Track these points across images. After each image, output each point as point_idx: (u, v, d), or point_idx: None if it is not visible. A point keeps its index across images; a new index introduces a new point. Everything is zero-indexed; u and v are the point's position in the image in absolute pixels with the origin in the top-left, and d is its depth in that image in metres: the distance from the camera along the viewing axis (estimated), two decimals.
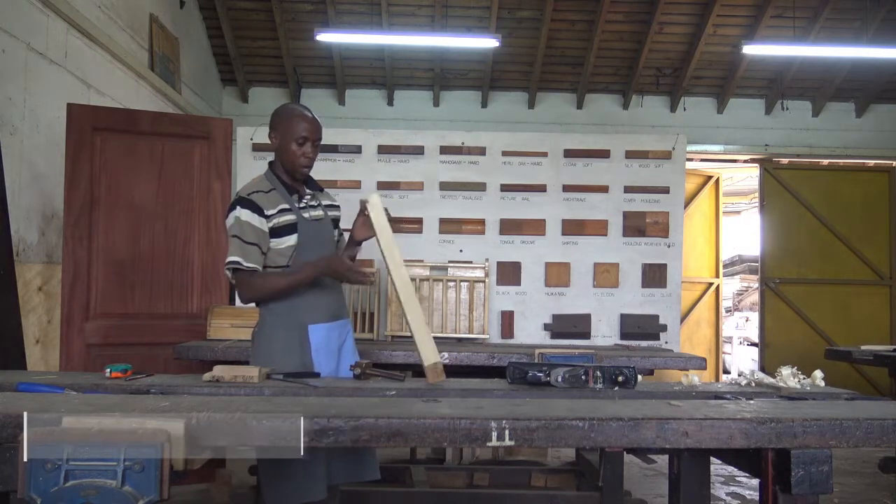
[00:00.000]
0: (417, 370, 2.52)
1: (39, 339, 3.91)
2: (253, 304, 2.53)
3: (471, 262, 4.42)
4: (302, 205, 2.44)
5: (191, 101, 6.56)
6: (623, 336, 4.53)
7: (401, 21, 6.96)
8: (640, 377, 2.16)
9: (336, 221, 2.60)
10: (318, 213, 2.49)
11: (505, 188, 4.61)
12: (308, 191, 2.52)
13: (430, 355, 2.15)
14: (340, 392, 1.98)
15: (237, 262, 2.34)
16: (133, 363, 2.27)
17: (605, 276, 4.59)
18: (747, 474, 1.84)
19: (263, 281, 2.39)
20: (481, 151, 4.64)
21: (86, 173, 3.81)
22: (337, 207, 2.63)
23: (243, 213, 2.34)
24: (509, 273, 4.57)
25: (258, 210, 2.34)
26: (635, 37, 7.12)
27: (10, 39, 3.73)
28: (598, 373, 2.09)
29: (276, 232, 2.36)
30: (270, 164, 2.50)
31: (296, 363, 2.34)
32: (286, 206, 2.39)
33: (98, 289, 3.84)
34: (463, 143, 4.64)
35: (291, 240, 2.37)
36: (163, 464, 1.27)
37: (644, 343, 4.42)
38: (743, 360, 10.10)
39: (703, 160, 7.89)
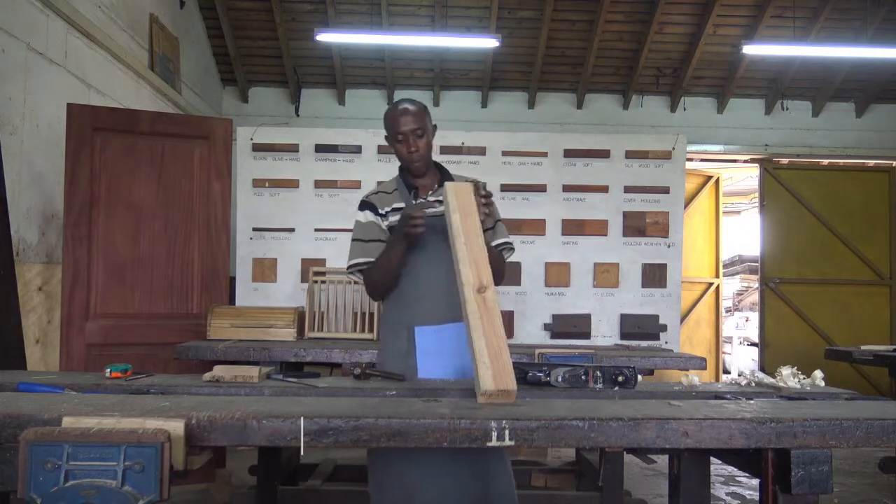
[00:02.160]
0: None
1: (39, 339, 3.91)
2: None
3: None
4: (419, 202, 2.39)
5: (191, 101, 6.56)
6: (623, 336, 4.54)
7: (401, 21, 6.96)
8: (640, 377, 2.16)
9: None
10: (443, 208, 2.33)
11: (505, 188, 4.61)
12: (437, 186, 2.43)
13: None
14: (340, 392, 1.98)
15: (357, 263, 2.39)
16: (133, 363, 2.27)
17: (605, 276, 4.59)
18: (747, 474, 1.84)
19: (372, 270, 2.38)
20: (481, 151, 4.64)
21: (86, 173, 3.81)
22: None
23: (360, 215, 2.43)
24: (509, 273, 4.55)
25: (374, 209, 2.41)
26: (635, 37, 7.11)
27: (10, 39, 3.73)
28: (598, 373, 2.08)
29: (390, 231, 2.38)
30: (400, 165, 2.50)
31: (401, 365, 2.30)
32: (401, 203, 2.40)
33: (98, 289, 3.84)
34: (463, 143, 4.65)
35: None
36: (163, 464, 1.27)
37: (644, 343, 4.42)
38: (743, 360, 10.10)
39: (703, 160, 7.89)
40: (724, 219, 8.21)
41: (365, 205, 2.44)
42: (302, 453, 1.48)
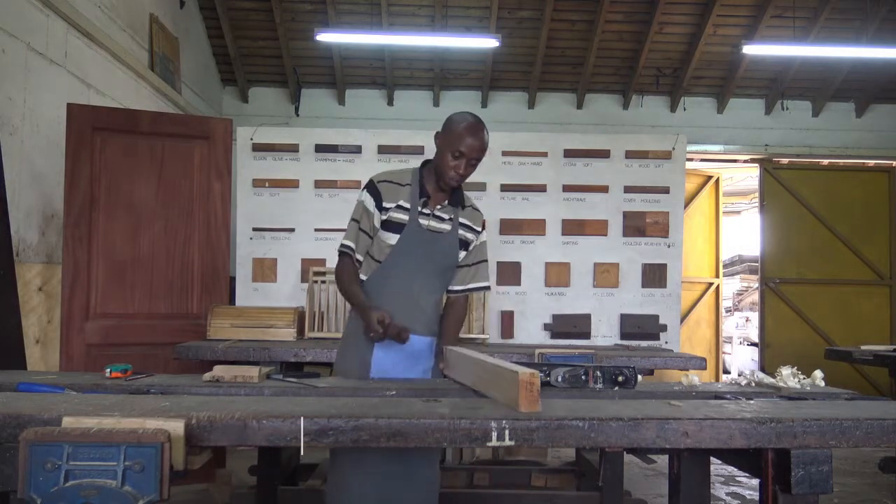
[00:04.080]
0: None
1: (39, 339, 3.91)
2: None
3: None
4: (426, 211, 2.35)
5: (191, 101, 6.56)
6: (623, 336, 4.54)
7: (401, 21, 6.96)
8: (640, 377, 2.16)
9: (466, 244, 2.45)
10: (443, 226, 2.38)
11: (505, 188, 4.61)
12: (447, 203, 2.41)
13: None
14: (340, 392, 1.98)
15: (350, 248, 2.37)
16: (133, 363, 2.26)
17: (605, 276, 4.59)
18: (747, 474, 1.84)
19: (348, 276, 2.38)
20: None
21: (86, 173, 3.81)
22: (476, 231, 2.47)
23: (365, 198, 2.37)
24: (509, 273, 4.57)
25: (378, 198, 2.35)
26: (635, 37, 7.11)
27: (10, 39, 3.73)
28: (598, 373, 2.08)
29: (386, 226, 2.34)
30: (425, 161, 2.45)
31: (356, 361, 2.33)
32: (407, 204, 2.34)
33: (98, 289, 3.84)
34: None
35: (393, 239, 2.33)
36: (163, 464, 1.27)
37: (644, 343, 4.42)
38: (743, 360, 10.10)
39: (703, 160, 7.89)
40: (724, 219, 8.21)
41: (373, 189, 2.36)
42: (302, 453, 1.48)
